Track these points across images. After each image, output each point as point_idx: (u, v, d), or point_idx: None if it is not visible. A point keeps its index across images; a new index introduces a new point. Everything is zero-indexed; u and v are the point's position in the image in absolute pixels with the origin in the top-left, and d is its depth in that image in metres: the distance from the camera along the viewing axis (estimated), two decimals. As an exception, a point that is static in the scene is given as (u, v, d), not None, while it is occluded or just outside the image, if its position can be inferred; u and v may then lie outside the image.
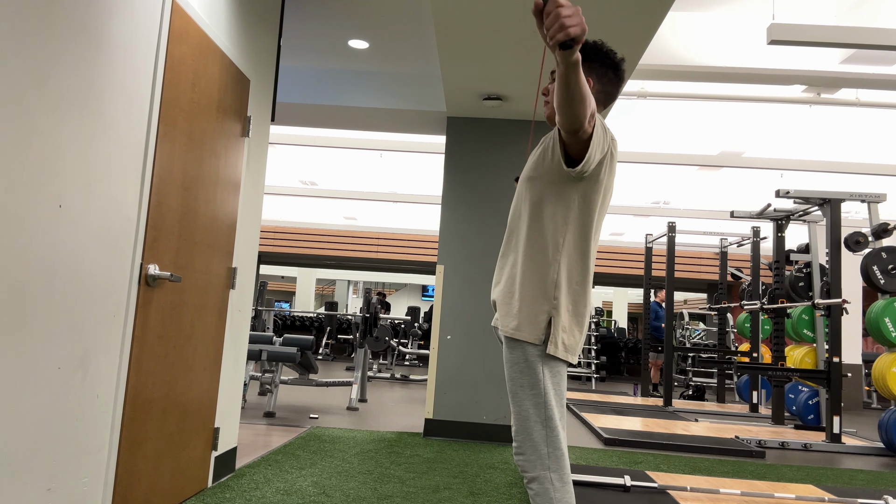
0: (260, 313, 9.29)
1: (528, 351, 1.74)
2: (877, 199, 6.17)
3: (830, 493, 3.93)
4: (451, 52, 4.11)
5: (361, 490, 3.36)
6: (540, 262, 1.77)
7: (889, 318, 5.83)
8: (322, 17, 4.60)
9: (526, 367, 1.73)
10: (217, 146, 3.08)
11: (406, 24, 4.63)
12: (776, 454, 5.46)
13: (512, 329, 1.76)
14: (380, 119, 5.77)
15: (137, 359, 2.46)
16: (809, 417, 7.06)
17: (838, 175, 8.21)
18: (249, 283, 3.68)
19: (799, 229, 12.02)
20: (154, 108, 2.48)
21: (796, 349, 7.52)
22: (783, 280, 7.20)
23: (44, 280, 1.92)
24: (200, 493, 3.12)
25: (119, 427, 2.37)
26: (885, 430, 5.77)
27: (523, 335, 1.74)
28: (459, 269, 5.23)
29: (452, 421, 5.07)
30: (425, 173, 9.60)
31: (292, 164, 9.68)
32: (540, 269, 1.77)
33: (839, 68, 5.19)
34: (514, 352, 1.75)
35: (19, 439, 1.87)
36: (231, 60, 3.19)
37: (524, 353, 1.74)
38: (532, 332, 1.74)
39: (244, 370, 3.75)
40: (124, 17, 2.25)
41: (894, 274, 5.96)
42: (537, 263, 1.78)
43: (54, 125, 1.93)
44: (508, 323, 1.77)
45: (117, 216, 2.29)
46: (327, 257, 14.87)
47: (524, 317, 1.76)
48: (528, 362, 1.73)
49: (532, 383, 1.72)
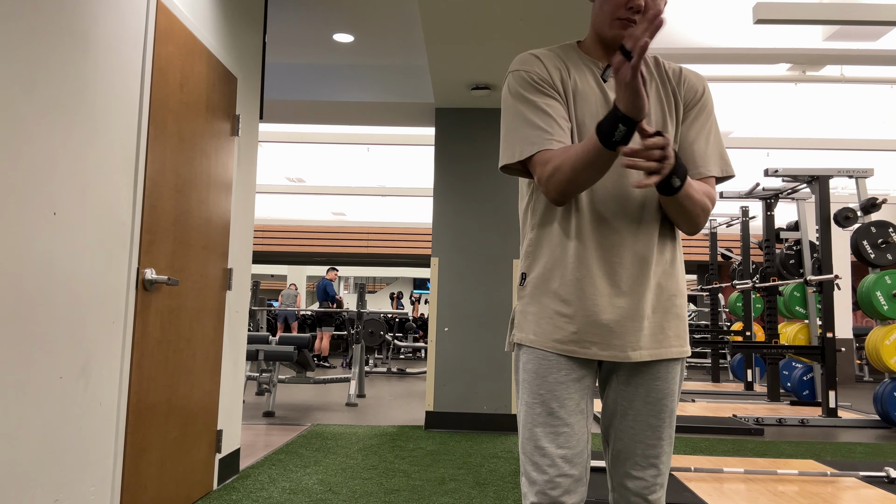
0: (254, 313, 9.25)
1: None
2: (864, 174, 6.21)
3: (832, 466, 3.97)
4: (437, 42, 4.08)
5: (368, 485, 3.36)
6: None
7: (880, 291, 5.88)
8: (306, 11, 4.56)
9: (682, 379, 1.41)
10: (207, 146, 3.05)
11: (391, 16, 4.60)
12: (774, 431, 5.51)
13: (686, 349, 1.39)
14: (367, 112, 5.74)
15: (138, 364, 2.44)
16: (805, 393, 7.13)
17: (825, 152, 8.26)
18: (245, 283, 3.65)
19: (788, 207, 12.10)
20: (143, 109, 2.45)
21: (789, 326, 7.59)
22: (774, 258, 7.25)
23: (41, 289, 1.89)
24: (206, 496, 3.11)
25: (123, 434, 2.35)
26: (881, 402, 5.83)
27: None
28: (454, 260, 5.22)
29: (453, 412, 5.07)
30: (413, 166, 9.57)
31: (279, 162, 9.61)
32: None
33: (823, 45, 5.21)
34: (684, 368, 1.41)
35: (24, 451, 1.85)
36: (218, 59, 3.15)
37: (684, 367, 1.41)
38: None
39: (244, 371, 3.73)
40: (110, 18, 2.22)
41: (884, 248, 6.01)
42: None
43: (45, 131, 1.90)
44: (684, 341, 1.38)
45: (112, 221, 2.26)
46: (317, 254, 14.82)
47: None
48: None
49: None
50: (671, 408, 1.35)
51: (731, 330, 8.98)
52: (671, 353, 1.34)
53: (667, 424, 1.35)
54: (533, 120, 1.29)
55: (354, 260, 15.29)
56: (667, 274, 1.35)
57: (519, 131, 1.30)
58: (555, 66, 1.35)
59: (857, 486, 3.51)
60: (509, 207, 5.27)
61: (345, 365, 10.80)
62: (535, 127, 1.29)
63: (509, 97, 1.34)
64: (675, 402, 1.37)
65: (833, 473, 3.66)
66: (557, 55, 1.37)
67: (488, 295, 5.18)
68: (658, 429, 1.34)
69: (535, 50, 1.38)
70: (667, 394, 1.34)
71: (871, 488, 3.47)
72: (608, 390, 1.39)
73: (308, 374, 7.46)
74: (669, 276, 1.35)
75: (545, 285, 1.34)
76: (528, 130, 1.29)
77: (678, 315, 1.36)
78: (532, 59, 1.35)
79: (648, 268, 1.31)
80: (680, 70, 1.41)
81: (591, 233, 1.31)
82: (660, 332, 1.33)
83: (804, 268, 6.98)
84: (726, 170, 1.39)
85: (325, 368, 10.91)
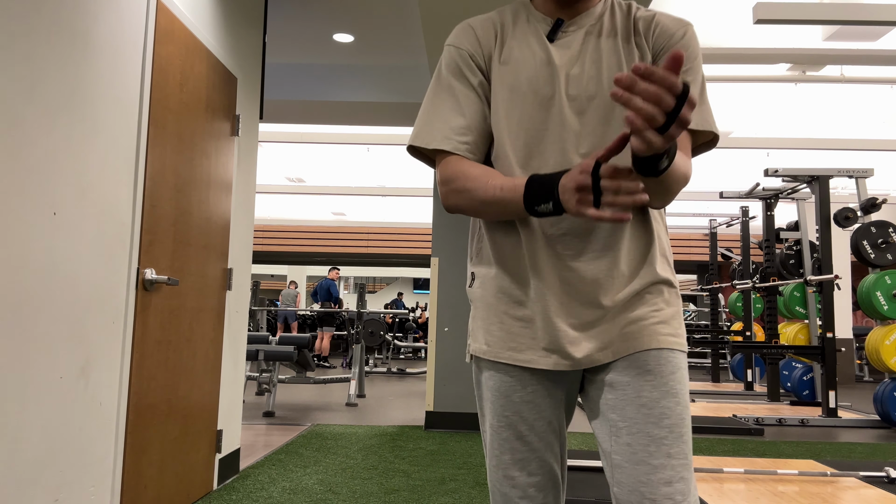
0: (254, 313, 9.25)
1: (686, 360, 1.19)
2: (864, 174, 6.21)
3: (832, 466, 3.97)
4: (437, 40, 4.08)
5: (367, 485, 3.36)
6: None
7: (880, 291, 5.88)
8: (306, 11, 4.56)
9: (686, 379, 1.16)
10: (207, 146, 3.05)
11: (391, 16, 4.60)
12: (774, 431, 5.51)
13: (684, 342, 1.17)
14: (368, 112, 5.74)
15: (138, 364, 2.44)
16: (805, 393, 7.13)
17: (825, 152, 8.26)
18: (245, 283, 3.65)
19: (788, 207, 12.10)
20: (143, 110, 2.45)
21: (789, 326, 7.59)
22: (774, 258, 7.25)
23: (42, 289, 1.89)
24: (206, 496, 3.11)
25: (123, 434, 2.35)
26: (881, 402, 5.83)
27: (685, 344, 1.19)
28: (454, 260, 5.22)
29: (453, 412, 5.07)
30: (413, 166, 9.57)
31: (279, 162, 9.61)
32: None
33: (823, 45, 5.21)
34: (684, 362, 1.16)
35: (24, 451, 1.85)
36: (218, 59, 3.15)
37: (686, 363, 1.18)
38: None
39: (244, 371, 3.73)
40: (110, 18, 2.22)
41: (884, 248, 6.01)
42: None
43: (45, 132, 1.90)
44: (678, 330, 1.16)
45: (112, 221, 2.26)
46: (317, 254, 14.82)
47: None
48: (686, 371, 1.17)
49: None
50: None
51: (731, 330, 8.98)
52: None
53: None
54: (449, 114, 1.16)
55: (354, 260, 15.31)
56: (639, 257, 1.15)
57: (435, 120, 1.16)
58: (489, 36, 1.19)
59: (857, 486, 3.51)
60: (509, 207, 5.27)
61: (345, 365, 10.80)
62: (450, 122, 1.15)
63: (437, 73, 1.21)
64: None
65: (833, 473, 3.66)
66: (496, 21, 1.20)
67: (488, 295, 5.17)
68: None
69: (475, 17, 1.23)
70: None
71: (871, 488, 3.47)
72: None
73: (308, 374, 7.46)
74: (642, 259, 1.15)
75: (495, 283, 1.17)
76: (442, 123, 1.15)
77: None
78: (465, 31, 1.20)
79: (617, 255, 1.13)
80: (653, 17, 1.16)
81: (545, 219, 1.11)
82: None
83: (804, 268, 6.98)
84: (704, 124, 1.13)
85: (326, 368, 10.91)
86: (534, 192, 1.03)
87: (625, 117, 0.86)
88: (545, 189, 1.01)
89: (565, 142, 1.12)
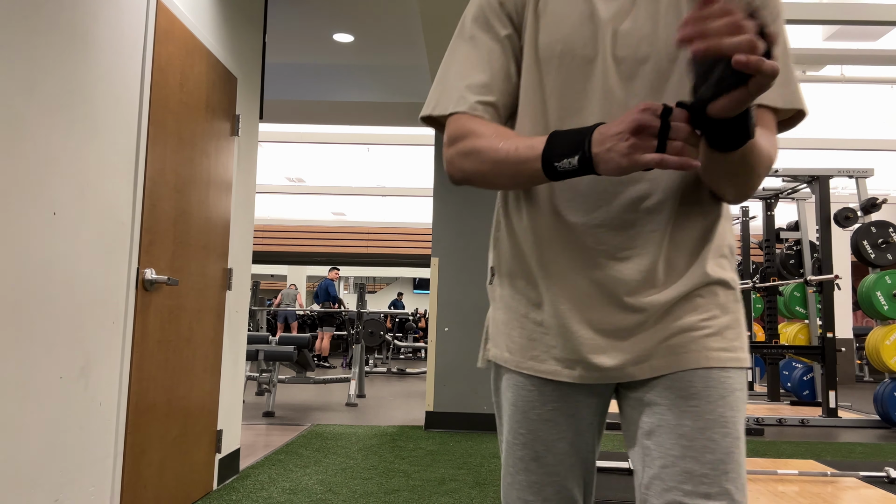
0: (254, 313, 9.25)
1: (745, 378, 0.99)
2: (864, 174, 6.21)
3: (832, 466, 3.97)
4: (436, 40, 4.08)
5: (367, 485, 3.36)
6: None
7: (881, 291, 5.88)
8: (306, 11, 4.56)
9: (744, 400, 0.97)
10: (207, 146, 3.05)
11: (391, 15, 4.60)
12: (774, 431, 5.51)
13: (743, 356, 0.97)
14: (368, 112, 5.74)
15: (138, 364, 2.44)
16: (805, 393, 7.13)
17: (825, 152, 8.26)
18: (245, 283, 3.65)
19: (788, 207, 12.10)
20: (143, 110, 2.45)
21: (789, 326, 7.59)
22: (774, 258, 7.25)
23: (42, 289, 1.89)
24: (206, 497, 3.11)
25: (123, 434, 2.35)
26: (881, 402, 5.83)
27: (748, 358, 0.99)
28: (454, 260, 5.22)
29: (453, 412, 5.07)
30: (413, 166, 9.57)
31: (279, 162, 9.62)
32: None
33: (823, 45, 5.21)
34: (741, 381, 0.96)
35: (24, 451, 1.85)
36: (218, 59, 3.15)
37: (744, 380, 0.98)
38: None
39: (244, 371, 3.73)
40: (109, 18, 2.22)
41: (884, 248, 6.01)
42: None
43: (44, 132, 1.90)
44: (733, 342, 0.96)
45: (112, 221, 2.26)
46: (317, 254, 14.82)
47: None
48: (745, 391, 0.97)
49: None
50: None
51: (731, 330, 8.98)
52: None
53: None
54: (468, 69, 0.99)
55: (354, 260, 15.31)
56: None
57: (451, 77, 1.00)
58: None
59: (857, 486, 3.51)
60: (509, 207, 5.26)
61: (345, 365, 10.80)
62: (467, 78, 0.99)
63: (460, 25, 1.05)
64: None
65: (833, 473, 3.66)
66: None
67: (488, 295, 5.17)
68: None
69: None
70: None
71: (871, 488, 3.47)
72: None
73: (308, 374, 7.46)
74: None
75: (514, 282, 1.02)
76: (459, 80, 0.99)
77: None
78: None
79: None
80: None
81: (572, 202, 0.95)
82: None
83: (804, 268, 6.98)
84: (791, 99, 0.93)
85: (325, 368, 10.91)
86: (556, 145, 0.85)
87: (737, 59, 0.69)
88: (572, 140, 0.83)
89: (607, 114, 0.93)
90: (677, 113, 0.75)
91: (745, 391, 0.96)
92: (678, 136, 0.75)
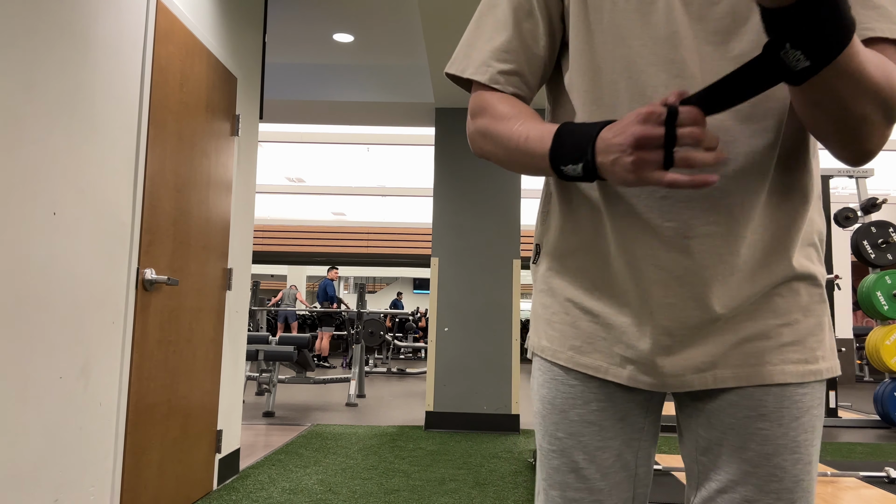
0: (254, 313, 9.25)
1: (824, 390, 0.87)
2: (864, 174, 6.21)
3: (832, 467, 3.97)
4: (437, 40, 4.08)
5: (367, 485, 3.36)
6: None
7: (881, 291, 5.88)
8: (306, 11, 4.56)
9: (821, 417, 0.85)
10: (207, 146, 3.05)
11: (391, 15, 4.60)
12: (775, 431, 5.51)
13: (824, 367, 0.84)
14: (367, 112, 5.74)
15: (138, 365, 2.44)
16: (805, 393, 7.12)
17: (825, 151, 8.26)
18: (245, 283, 3.65)
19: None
20: (143, 109, 2.45)
21: (789, 326, 7.58)
22: (774, 258, 7.25)
23: (42, 289, 1.89)
24: (206, 497, 3.11)
25: (123, 434, 2.35)
26: (881, 402, 5.83)
27: (833, 366, 0.85)
28: (454, 260, 5.22)
29: (453, 412, 5.07)
30: (413, 166, 9.57)
31: (279, 162, 9.62)
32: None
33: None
34: (818, 396, 0.84)
35: (24, 451, 1.85)
36: (217, 59, 3.15)
37: (823, 394, 0.86)
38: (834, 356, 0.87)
39: (244, 371, 3.73)
40: (109, 18, 2.22)
41: (884, 248, 6.01)
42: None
43: (44, 132, 1.90)
44: (816, 351, 0.83)
45: (111, 221, 2.26)
46: (317, 254, 14.82)
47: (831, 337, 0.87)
48: (822, 406, 0.87)
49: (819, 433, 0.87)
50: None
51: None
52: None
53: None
54: (493, 32, 0.89)
55: (354, 260, 15.32)
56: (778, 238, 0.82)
57: (477, 39, 0.91)
58: None
59: (857, 486, 3.50)
60: (509, 207, 5.27)
61: (345, 365, 10.80)
62: (493, 41, 0.89)
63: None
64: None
65: (833, 473, 3.66)
66: None
67: (488, 295, 5.17)
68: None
69: None
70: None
71: (871, 488, 3.47)
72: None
73: (308, 374, 7.46)
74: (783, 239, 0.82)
75: (563, 262, 0.89)
76: (484, 42, 0.90)
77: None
78: None
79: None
80: None
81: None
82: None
83: (804, 268, 6.97)
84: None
85: (325, 368, 10.91)
86: (562, 145, 0.75)
87: None
88: (577, 143, 0.73)
89: (670, 66, 0.78)
90: (684, 115, 0.65)
91: (822, 405, 0.84)
92: (685, 140, 0.65)
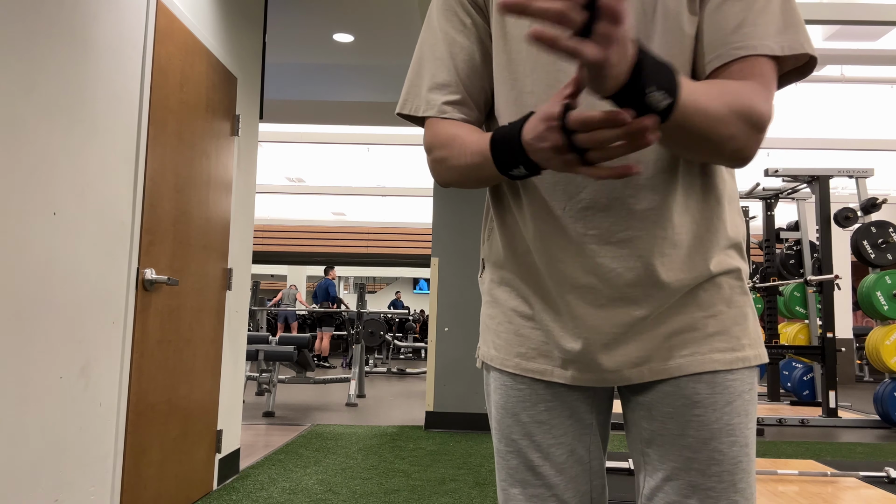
0: (254, 313, 9.25)
1: (754, 377, 0.90)
2: (864, 174, 6.21)
3: (832, 467, 3.97)
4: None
5: (367, 485, 3.36)
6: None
7: (881, 291, 5.88)
8: (306, 11, 4.56)
9: (753, 402, 0.89)
10: (207, 146, 3.05)
11: (391, 15, 4.60)
12: (774, 431, 5.51)
13: (751, 354, 0.88)
14: (367, 112, 5.74)
15: (138, 365, 2.44)
16: (805, 393, 7.13)
17: (825, 152, 8.26)
18: (245, 283, 3.65)
19: (788, 207, 12.10)
20: (143, 110, 2.45)
21: (789, 326, 7.59)
22: (774, 258, 7.25)
23: (42, 289, 1.89)
24: (206, 497, 3.11)
25: (123, 434, 2.35)
26: (881, 402, 5.83)
27: (760, 353, 0.90)
28: (453, 260, 5.22)
29: (453, 412, 5.07)
30: (413, 166, 9.57)
31: (278, 162, 9.62)
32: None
33: (823, 45, 5.21)
34: (749, 382, 0.88)
35: (24, 451, 1.85)
36: (217, 59, 3.15)
37: (754, 380, 0.90)
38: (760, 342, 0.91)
39: (244, 371, 3.73)
40: (109, 18, 2.22)
41: (884, 248, 6.01)
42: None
43: (45, 132, 1.90)
44: (741, 340, 0.88)
45: (112, 221, 2.26)
46: (317, 254, 14.82)
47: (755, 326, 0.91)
48: (754, 391, 0.90)
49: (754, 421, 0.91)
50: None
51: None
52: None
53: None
54: (434, 67, 0.93)
55: (354, 260, 15.32)
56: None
57: (419, 76, 0.95)
58: None
59: (857, 486, 3.51)
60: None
61: (345, 365, 10.80)
62: (435, 77, 0.93)
63: (427, 16, 0.98)
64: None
65: (833, 473, 3.66)
66: None
67: (488, 295, 5.17)
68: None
69: None
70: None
71: (871, 488, 3.47)
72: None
73: (308, 374, 7.46)
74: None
75: (502, 274, 0.95)
76: (427, 79, 0.94)
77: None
78: None
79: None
80: None
81: (557, 185, 0.85)
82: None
83: (804, 268, 6.98)
84: (792, 44, 0.79)
85: (325, 368, 10.91)
86: (501, 155, 0.78)
87: (527, 34, 0.61)
88: (509, 146, 0.76)
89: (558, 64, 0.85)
90: (572, 120, 0.65)
91: (755, 391, 0.88)
92: (590, 146, 0.65)
